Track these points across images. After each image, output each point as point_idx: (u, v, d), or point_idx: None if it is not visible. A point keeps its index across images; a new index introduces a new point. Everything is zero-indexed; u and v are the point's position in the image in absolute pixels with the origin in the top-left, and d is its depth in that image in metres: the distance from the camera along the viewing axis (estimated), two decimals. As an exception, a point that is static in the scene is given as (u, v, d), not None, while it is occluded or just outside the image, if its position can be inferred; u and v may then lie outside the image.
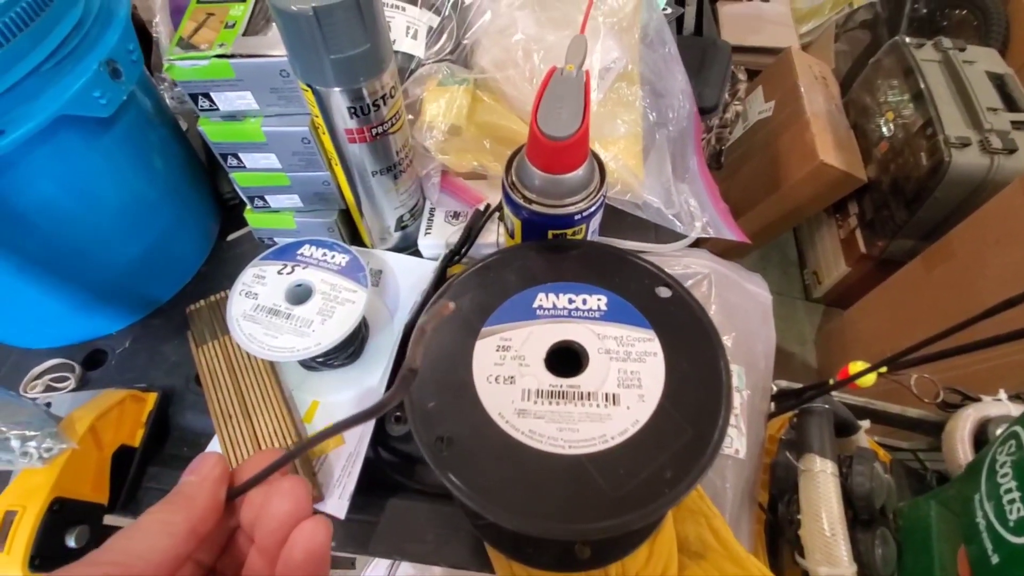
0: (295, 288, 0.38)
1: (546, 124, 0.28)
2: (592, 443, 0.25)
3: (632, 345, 0.27)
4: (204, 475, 0.20)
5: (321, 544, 0.18)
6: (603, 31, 0.48)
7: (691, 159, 0.55)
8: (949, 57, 1.08)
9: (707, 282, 0.47)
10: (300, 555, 0.18)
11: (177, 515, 0.18)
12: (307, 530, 0.18)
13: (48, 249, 0.37)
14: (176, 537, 0.18)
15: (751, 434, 0.43)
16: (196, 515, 0.18)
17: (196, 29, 0.36)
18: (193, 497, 0.19)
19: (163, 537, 0.17)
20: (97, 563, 0.16)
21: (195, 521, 0.18)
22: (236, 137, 0.39)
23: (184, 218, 0.47)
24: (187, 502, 0.19)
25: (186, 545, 0.18)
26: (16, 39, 0.29)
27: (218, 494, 0.19)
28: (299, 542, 0.18)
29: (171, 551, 0.17)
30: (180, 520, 0.18)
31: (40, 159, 0.33)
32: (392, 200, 0.43)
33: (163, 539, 0.17)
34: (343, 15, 0.29)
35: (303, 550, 0.18)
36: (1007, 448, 0.37)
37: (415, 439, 0.25)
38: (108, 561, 0.16)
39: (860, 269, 1.24)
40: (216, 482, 0.19)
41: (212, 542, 0.20)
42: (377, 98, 0.35)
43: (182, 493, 0.19)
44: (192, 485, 0.19)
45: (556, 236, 0.33)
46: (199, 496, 0.19)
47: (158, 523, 0.18)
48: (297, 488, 0.19)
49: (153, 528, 0.18)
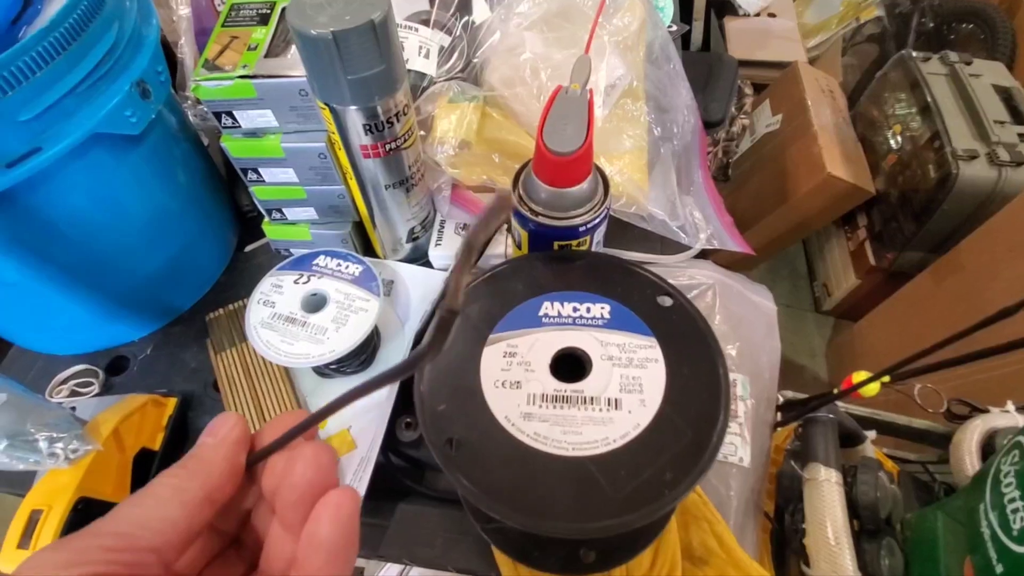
0: (311, 297, 0.40)
1: (551, 140, 0.30)
2: (595, 446, 0.25)
3: (634, 352, 0.28)
4: (222, 437, 0.18)
5: (348, 517, 0.16)
6: (608, 49, 0.50)
7: (696, 172, 0.56)
8: (956, 70, 1.08)
9: (711, 293, 0.48)
10: (326, 530, 0.16)
11: (192, 481, 0.16)
12: (332, 502, 0.16)
13: (77, 259, 0.39)
14: (189, 506, 0.16)
15: (755, 443, 0.44)
16: (212, 482, 0.17)
17: (221, 51, 0.38)
18: (210, 461, 0.17)
19: (175, 506, 0.16)
20: (100, 533, 0.15)
21: (211, 488, 0.17)
22: (256, 153, 0.41)
23: (205, 229, 0.49)
24: (203, 467, 0.17)
25: (200, 514, 0.16)
26: (55, 62, 0.31)
27: (237, 459, 0.18)
28: (324, 516, 0.16)
29: (183, 521, 0.16)
30: (195, 487, 0.16)
31: (73, 174, 0.35)
32: (404, 212, 0.45)
33: (175, 508, 0.16)
34: (360, 39, 0.31)
35: (329, 524, 0.16)
36: (1011, 458, 0.37)
37: (425, 441, 0.26)
38: (111, 531, 0.15)
39: (870, 281, 1.24)
40: (235, 445, 0.18)
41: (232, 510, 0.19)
42: (391, 115, 0.36)
43: (198, 456, 0.17)
44: (209, 448, 0.17)
45: (561, 247, 0.34)
46: (216, 460, 0.17)
47: (170, 489, 0.16)
48: (321, 454, 0.17)
49: (164, 495, 0.16)
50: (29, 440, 0.33)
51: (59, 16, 0.31)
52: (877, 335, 1.15)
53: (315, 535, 0.16)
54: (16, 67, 0.30)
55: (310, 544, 0.16)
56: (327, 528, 0.16)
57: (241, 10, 0.41)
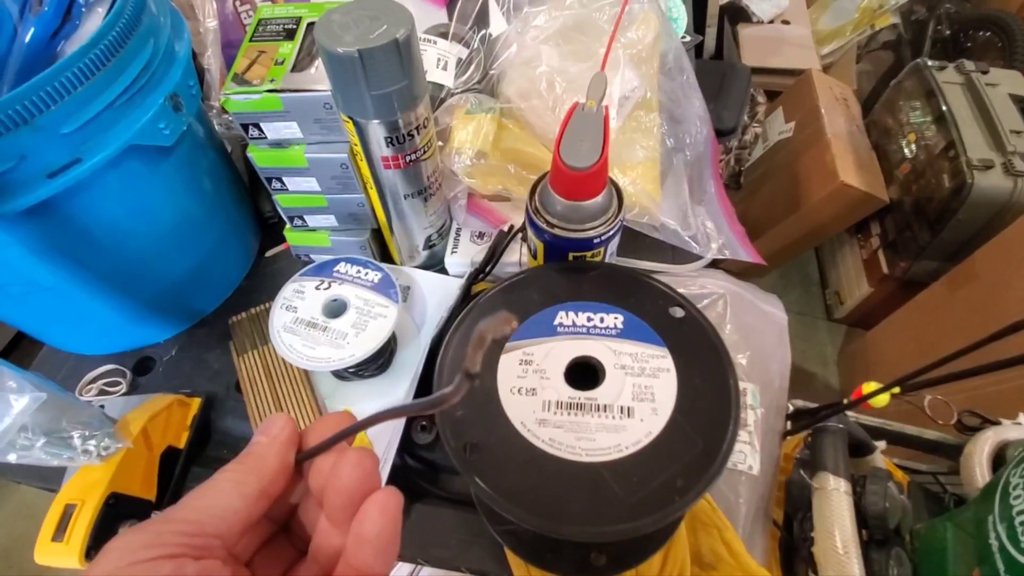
0: (331, 303, 0.41)
1: (568, 156, 0.31)
2: (608, 452, 0.26)
3: (646, 361, 0.29)
4: (273, 436, 0.19)
5: (392, 516, 0.18)
6: (623, 61, 0.51)
7: (708, 183, 0.56)
8: (971, 79, 1.08)
9: (722, 302, 0.48)
10: (371, 529, 0.17)
11: (249, 476, 0.18)
12: (379, 502, 0.18)
13: (110, 265, 0.41)
14: (248, 498, 0.18)
15: (765, 451, 0.44)
16: (267, 476, 0.19)
17: (249, 66, 0.40)
18: (263, 458, 0.19)
19: (235, 497, 0.18)
20: (172, 520, 0.17)
21: (266, 482, 0.18)
22: (281, 163, 0.42)
23: (228, 235, 0.50)
24: (258, 463, 0.19)
25: (257, 505, 0.18)
26: (95, 78, 0.33)
27: (287, 456, 0.19)
28: (370, 515, 0.18)
29: (243, 511, 0.18)
30: (252, 481, 0.18)
31: (109, 183, 0.36)
32: (421, 221, 0.46)
33: (235, 499, 0.18)
34: (384, 56, 0.32)
35: (375, 522, 0.17)
36: (1020, 470, 0.38)
37: (444, 445, 0.27)
38: (182, 519, 0.17)
39: (883, 290, 1.23)
40: (285, 444, 0.19)
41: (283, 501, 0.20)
42: (412, 128, 0.37)
43: (253, 454, 0.19)
44: (262, 446, 0.19)
45: (576, 258, 0.35)
46: (269, 457, 0.19)
47: (230, 483, 0.18)
48: (365, 459, 0.18)
49: (226, 488, 0.18)
50: (64, 437, 0.35)
51: (99, 34, 0.33)
52: (889, 344, 1.14)
53: (362, 532, 0.17)
54: (59, 82, 0.31)
55: (358, 540, 0.17)
56: (374, 526, 0.17)
57: (268, 25, 0.42)
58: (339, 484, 0.18)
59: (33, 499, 1.17)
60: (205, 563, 0.16)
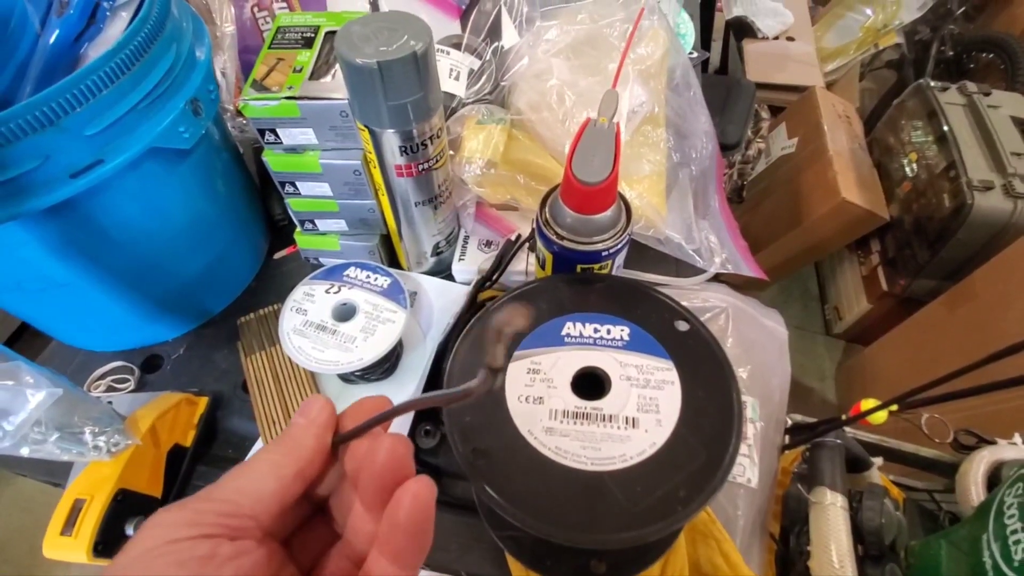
0: (341, 306, 0.42)
1: (579, 170, 0.31)
2: (612, 461, 0.27)
3: (652, 373, 0.30)
4: (312, 419, 0.20)
5: (425, 505, 0.18)
6: (632, 77, 0.52)
7: (712, 197, 0.57)
8: (974, 101, 1.09)
9: (724, 316, 0.49)
10: (405, 515, 0.17)
11: (286, 457, 0.18)
12: (412, 489, 0.18)
13: (124, 264, 0.41)
14: (284, 480, 0.18)
15: (764, 465, 0.45)
16: (304, 459, 0.19)
17: (268, 72, 0.40)
18: (301, 440, 0.19)
19: (272, 479, 0.18)
20: (211, 499, 0.17)
21: (303, 464, 0.19)
22: (295, 168, 0.43)
23: (239, 237, 0.51)
24: (295, 445, 0.19)
25: (293, 487, 0.18)
26: (120, 81, 0.34)
27: (324, 439, 0.19)
28: (404, 502, 0.18)
29: (279, 492, 0.18)
30: (289, 463, 0.18)
31: (128, 184, 0.37)
32: (431, 228, 0.47)
33: (272, 481, 0.18)
34: (402, 68, 0.33)
35: (408, 510, 0.17)
36: (1015, 490, 0.38)
37: (453, 450, 0.28)
38: (221, 498, 0.17)
39: (882, 307, 1.24)
40: (323, 427, 0.19)
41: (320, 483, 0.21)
42: (425, 138, 0.38)
43: (291, 436, 0.19)
44: (300, 428, 0.19)
45: (584, 270, 0.36)
46: (306, 440, 0.19)
47: (268, 464, 0.18)
48: (398, 446, 0.19)
49: (263, 469, 0.18)
50: (76, 433, 0.35)
51: (126, 38, 0.34)
52: (888, 361, 1.15)
53: (395, 517, 0.18)
54: (85, 85, 0.32)
55: (391, 525, 0.18)
56: (407, 512, 0.17)
57: (287, 33, 0.43)
58: (373, 469, 0.18)
59: (31, 492, 1.17)
60: (240, 543, 0.16)
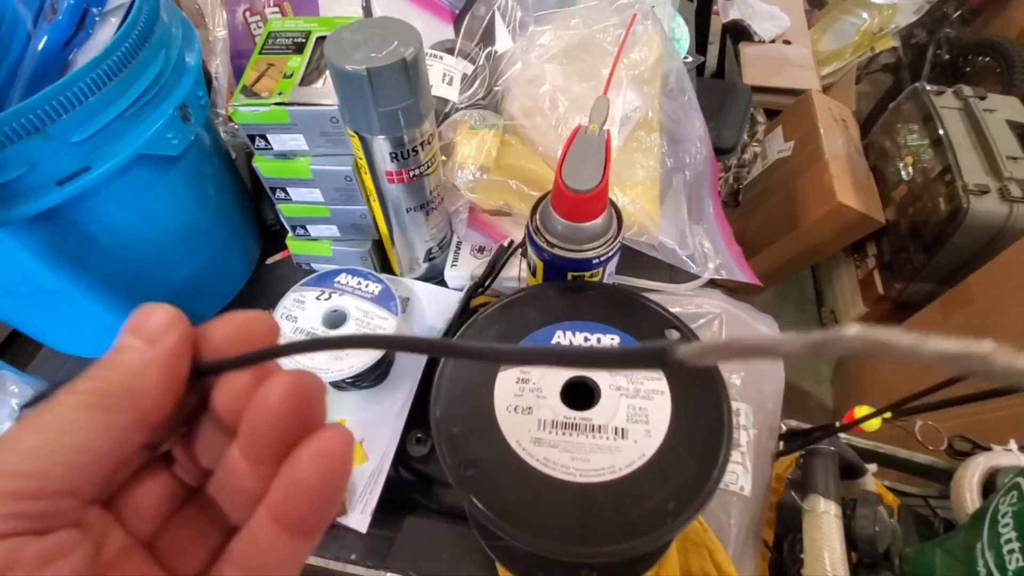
0: (331, 313, 0.41)
1: (570, 178, 0.31)
2: (601, 473, 0.27)
3: (641, 383, 0.30)
4: (155, 341, 0.13)
5: (341, 463, 0.13)
6: (626, 82, 0.51)
7: (706, 203, 0.57)
8: (969, 105, 1.09)
9: (718, 322, 0.49)
10: (315, 477, 0.13)
11: (117, 398, 0.13)
12: (324, 445, 0.13)
13: (114, 270, 0.41)
14: (116, 431, 0.12)
15: (757, 472, 0.45)
16: (147, 399, 0.13)
17: (258, 78, 0.40)
18: (139, 372, 0.13)
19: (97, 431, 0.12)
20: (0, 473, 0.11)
21: (146, 408, 0.13)
22: (286, 173, 0.43)
23: (231, 242, 0.51)
24: (131, 379, 0.13)
25: (131, 440, 0.13)
26: (107, 88, 0.33)
27: (178, 370, 0.14)
28: (313, 459, 0.13)
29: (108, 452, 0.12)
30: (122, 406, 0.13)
31: (116, 191, 0.37)
32: (423, 234, 0.46)
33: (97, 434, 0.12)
34: (392, 75, 0.33)
35: (318, 469, 0.13)
36: (1009, 499, 0.38)
37: (440, 461, 0.28)
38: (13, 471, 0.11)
39: (878, 310, 1.24)
40: (174, 353, 0.14)
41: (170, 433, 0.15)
42: (416, 144, 0.38)
43: (122, 365, 0.13)
44: (138, 355, 0.13)
45: (575, 278, 0.36)
46: (149, 371, 0.13)
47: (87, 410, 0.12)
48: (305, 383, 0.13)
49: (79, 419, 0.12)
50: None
51: (112, 45, 0.33)
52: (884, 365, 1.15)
53: (301, 479, 0.13)
54: (71, 92, 0.32)
55: (292, 488, 0.13)
56: (315, 473, 0.13)
57: (278, 38, 0.43)
58: (265, 415, 0.13)
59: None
60: (52, 540, 0.11)
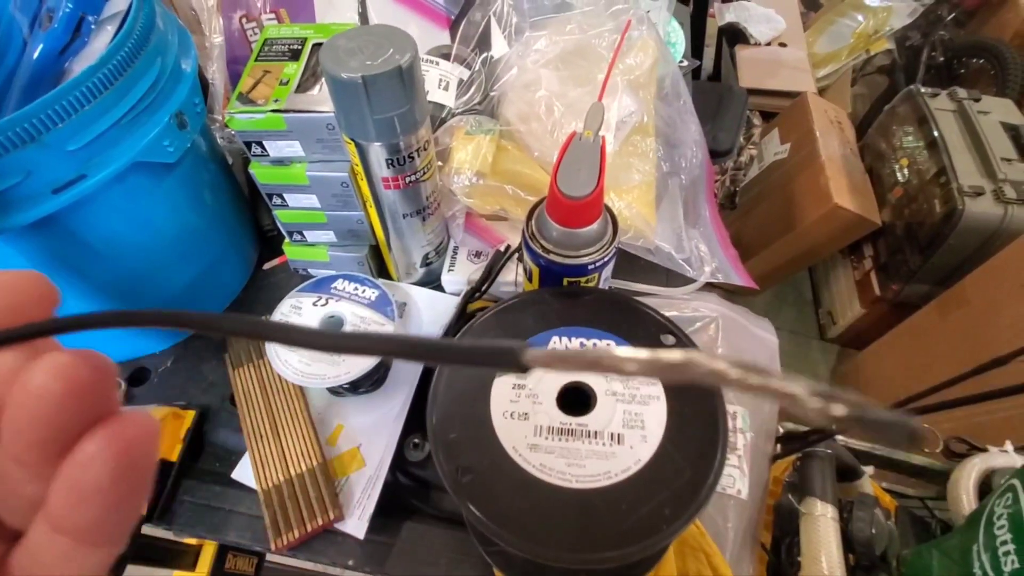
0: (328, 319, 0.41)
1: (565, 184, 0.31)
2: (597, 479, 0.27)
3: (637, 389, 0.30)
4: None
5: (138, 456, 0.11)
6: (621, 87, 0.52)
7: (703, 206, 0.57)
8: (964, 107, 1.10)
9: (715, 325, 0.49)
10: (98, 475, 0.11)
11: None
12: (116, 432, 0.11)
13: (111, 277, 0.41)
14: None
15: (754, 475, 0.45)
16: None
17: (254, 85, 0.40)
18: None
19: None
20: None
21: None
22: (282, 180, 0.43)
23: (228, 248, 0.51)
24: None
25: None
26: (103, 96, 0.33)
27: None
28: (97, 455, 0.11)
29: None
30: None
31: (113, 199, 0.37)
32: (419, 239, 0.47)
33: None
34: (387, 82, 0.33)
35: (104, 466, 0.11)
36: (1004, 500, 0.38)
37: (436, 468, 0.28)
38: None
39: (875, 311, 1.24)
40: None
41: None
42: (412, 151, 0.38)
43: None
44: None
45: (571, 283, 0.36)
46: None
47: None
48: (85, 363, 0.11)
49: None
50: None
51: (108, 53, 0.33)
52: (881, 365, 1.15)
53: (83, 482, 0.11)
54: (67, 101, 0.32)
55: (74, 494, 0.11)
56: (103, 471, 0.11)
57: (274, 45, 0.43)
58: (29, 404, 0.11)
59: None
60: None
